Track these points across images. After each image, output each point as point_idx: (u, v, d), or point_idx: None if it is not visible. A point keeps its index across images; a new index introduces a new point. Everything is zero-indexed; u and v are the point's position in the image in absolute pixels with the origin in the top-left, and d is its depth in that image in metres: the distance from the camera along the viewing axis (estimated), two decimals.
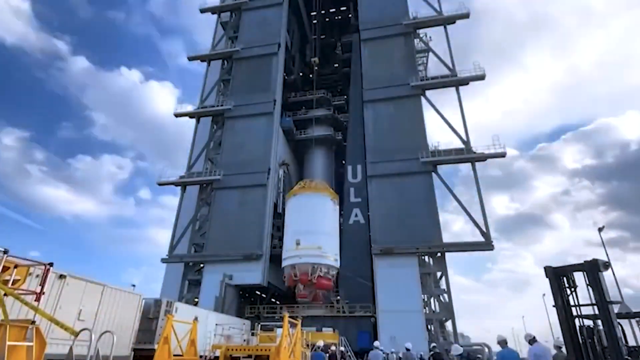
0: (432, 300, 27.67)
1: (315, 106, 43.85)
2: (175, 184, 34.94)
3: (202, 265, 31.61)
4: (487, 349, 22.80)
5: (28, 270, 7.68)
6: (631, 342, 12.07)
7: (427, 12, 36.51)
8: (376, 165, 31.96)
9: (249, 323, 22.46)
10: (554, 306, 8.18)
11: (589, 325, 7.95)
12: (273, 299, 36.75)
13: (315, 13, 49.89)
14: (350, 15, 47.87)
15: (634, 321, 12.82)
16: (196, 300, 29.41)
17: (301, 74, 47.93)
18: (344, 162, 39.67)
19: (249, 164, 34.02)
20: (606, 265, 7.39)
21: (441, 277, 27.99)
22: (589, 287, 7.53)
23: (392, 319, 25.99)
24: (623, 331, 8.59)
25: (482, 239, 27.28)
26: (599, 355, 7.51)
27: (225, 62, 41.42)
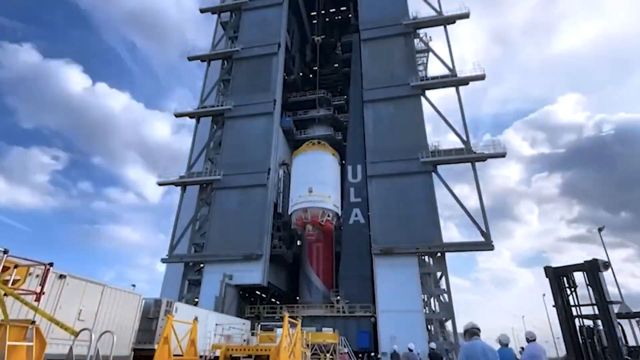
0: (432, 300, 27.68)
1: (315, 106, 43.87)
2: (175, 184, 34.96)
3: (202, 265, 31.61)
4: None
5: (28, 270, 7.68)
6: (631, 342, 12.06)
7: (427, 12, 36.57)
8: (376, 165, 31.96)
9: (249, 323, 22.44)
10: (554, 306, 8.18)
11: (589, 325, 7.96)
12: (273, 299, 36.77)
13: (315, 13, 49.94)
14: (350, 15, 47.86)
15: (634, 321, 12.82)
16: (196, 300, 29.40)
17: (301, 74, 47.92)
18: (344, 162, 39.66)
19: (249, 164, 34.02)
20: (606, 265, 7.40)
21: (441, 277, 27.98)
22: (589, 287, 7.54)
23: (392, 319, 25.99)
24: (623, 331, 8.58)
25: (482, 239, 27.29)
26: (599, 355, 7.52)
27: (225, 62, 41.42)
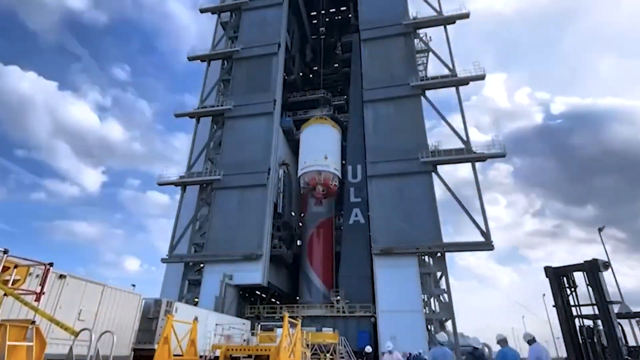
0: (432, 300, 27.68)
1: (315, 106, 43.89)
2: (175, 184, 34.95)
3: (202, 265, 31.60)
4: (487, 349, 22.78)
5: (28, 270, 7.68)
6: (631, 342, 12.06)
7: (427, 12, 36.57)
8: (376, 165, 31.96)
9: (249, 323, 22.46)
10: (554, 306, 8.18)
11: (589, 325, 7.96)
12: (273, 299, 36.78)
13: (315, 13, 49.99)
14: (350, 15, 47.89)
15: (634, 321, 12.82)
16: (196, 300, 29.40)
17: (301, 74, 47.97)
18: (344, 162, 39.67)
19: (249, 164, 34.02)
20: (606, 265, 7.40)
21: (441, 277, 27.99)
22: (589, 287, 7.54)
23: (392, 319, 25.99)
24: (623, 331, 8.58)
25: (482, 239, 27.28)
26: (599, 355, 7.52)
27: (225, 62, 41.41)
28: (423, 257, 28.48)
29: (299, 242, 39.92)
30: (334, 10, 50.41)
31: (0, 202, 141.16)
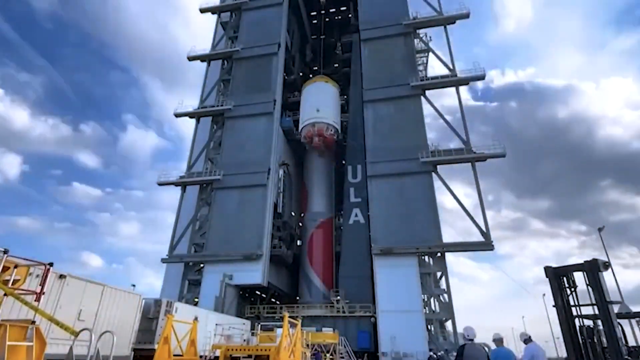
0: (432, 300, 27.67)
1: None
2: (175, 184, 34.95)
3: (202, 265, 31.60)
4: (487, 349, 22.80)
5: (28, 270, 7.68)
6: (631, 342, 12.07)
7: (427, 12, 36.53)
8: (376, 165, 31.95)
9: (249, 323, 22.46)
10: (554, 306, 8.18)
11: (589, 325, 7.96)
12: (273, 299, 36.78)
13: (315, 13, 49.98)
14: (350, 15, 47.88)
15: (634, 321, 12.83)
16: (196, 300, 29.40)
17: (301, 74, 47.95)
18: (344, 162, 39.64)
19: (249, 164, 34.01)
20: (606, 265, 7.40)
21: (441, 277, 27.98)
22: (589, 287, 7.54)
23: (392, 319, 25.98)
24: (623, 331, 8.58)
25: (482, 239, 27.28)
26: (599, 355, 7.52)
27: (225, 62, 41.41)
28: (423, 257, 28.48)
29: (299, 242, 39.90)
30: (334, 10, 50.42)
31: None
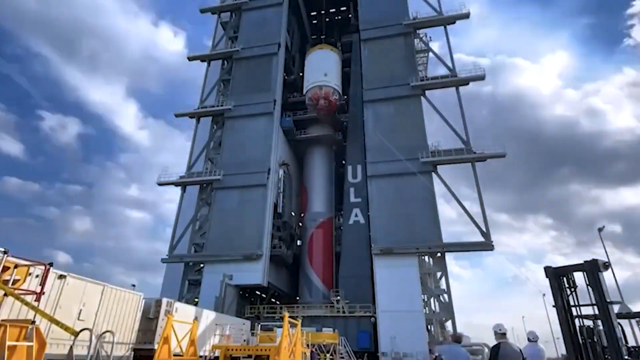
0: (432, 300, 27.67)
1: None
2: (175, 184, 34.94)
3: (202, 265, 31.61)
4: (487, 349, 22.79)
5: (28, 270, 7.69)
6: (631, 342, 12.07)
7: (427, 12, 36.54)
8: (376, 165, 31.95)
9: (249, 323, 22.45)
10: (554, 306, 8.18)
11: (589, 325, 7.96)
12: (273, 299, 36.77)
13: (315, 13, 49.95)
14: (350, 15, 47.89)
15: (634, 321, 12.83)
16: (196, 300, 29.40)
17: (301, 74, 47.93)
18: (344, 162, 39.65)
19: (249, 164, 34.01)
20: (606, 266, 7.40)
21: (441, 277, 27.98)
22: (589, 287, 7.54)
23: (392, 319, 25.98)
24: (623, 331, 8.58)
25: (482, 239, 27.28)
26: (599, 355, 7.52)
27: (226, 62, 41.42)
28: (423, 257, 28.49)
29: (299, 242, 39.92)
30: (334, 10, 50.38)
31: None
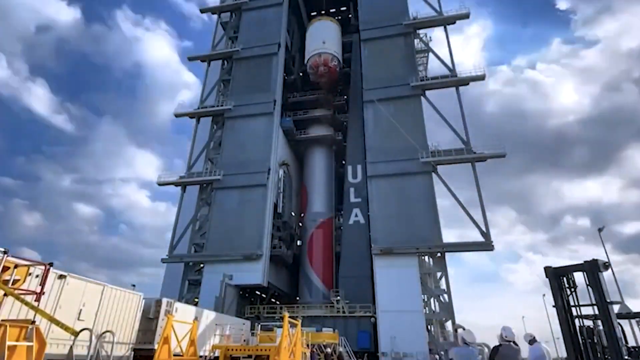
0: (432, 300, 27.67)
1: (315, 106, 43.87)
2: (175, 184, 34.94)
3: (202, 265, 31.60)
4: (487, 349, 22.79)
5: (28, 270, 7.69)
6: (631, 342, 12.08)
7: (427, 12, 36.54)
8: (376, 165, 31.95)
9: (249, 323, 22.45)
10: (554, 306, 8.18)
11: (589, 326, 7.96)
12: (273, 299, 36.77)
13: (315, 13, 49.94)
14: (350, 15, 47.88)
15: (634, 321, 12.84)
16: (196, 300, 29.40)
17: (301, 74, 47.93)
18: (344, 162, 39.64)
19: (249, 164, 34.01)
20: (606, 266, 7.40)
21: (441, 277, 27.98)
22: (589, 287, 7.54)
23: (392, 319, 25.98)
24: (623, 331, 8.59)
25: (482, 239, 27.27)
26: (599, 355, 7.52)
27: (226, 62, 41.41)
28: (423, 257, 28.48)
29: (299, 242, 39.92)
30: (334, 10, 50.37)
31: None
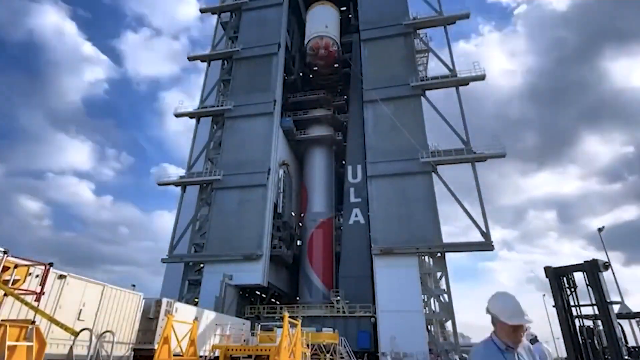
0: (432, 300, 27.67)
1: (315, 106, 43.87)
2: (175, 184, 34.95)
3: (202, 265, 31.60)
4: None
5: (28, 270, 7.69)
6: (631, 342, 12.08)
7: (427, 12, 36.55)
8: (376, 165, 31.94)
9: (249, 323, 22.45)
10: (554, 306, 8.18)
11: (589, 326, 7.96)
12: (273, 299, 36.76)
13: None
14: (350, 15, 47.87)
15: (634, 321, 12.83)
16: (196, 300, 29.39)
17: (301, 74, 47.92)
18: (344, 162, 39.63)
19: (249, 164, 34.01)
20: (606, 266, 7.40)
21: (441, 277, 27.97)
22: (589, 287, 7.54)
23: (392, 319, 25.97)
24: (623, 331, 8.59)
25: (482, 239, 27.27)
26: (599, 355, 7.53)
27: (226, 62, 41.41)
28: (423, 257, 28.47)
29: (299, 242, 39.91)
30: None
31: None
